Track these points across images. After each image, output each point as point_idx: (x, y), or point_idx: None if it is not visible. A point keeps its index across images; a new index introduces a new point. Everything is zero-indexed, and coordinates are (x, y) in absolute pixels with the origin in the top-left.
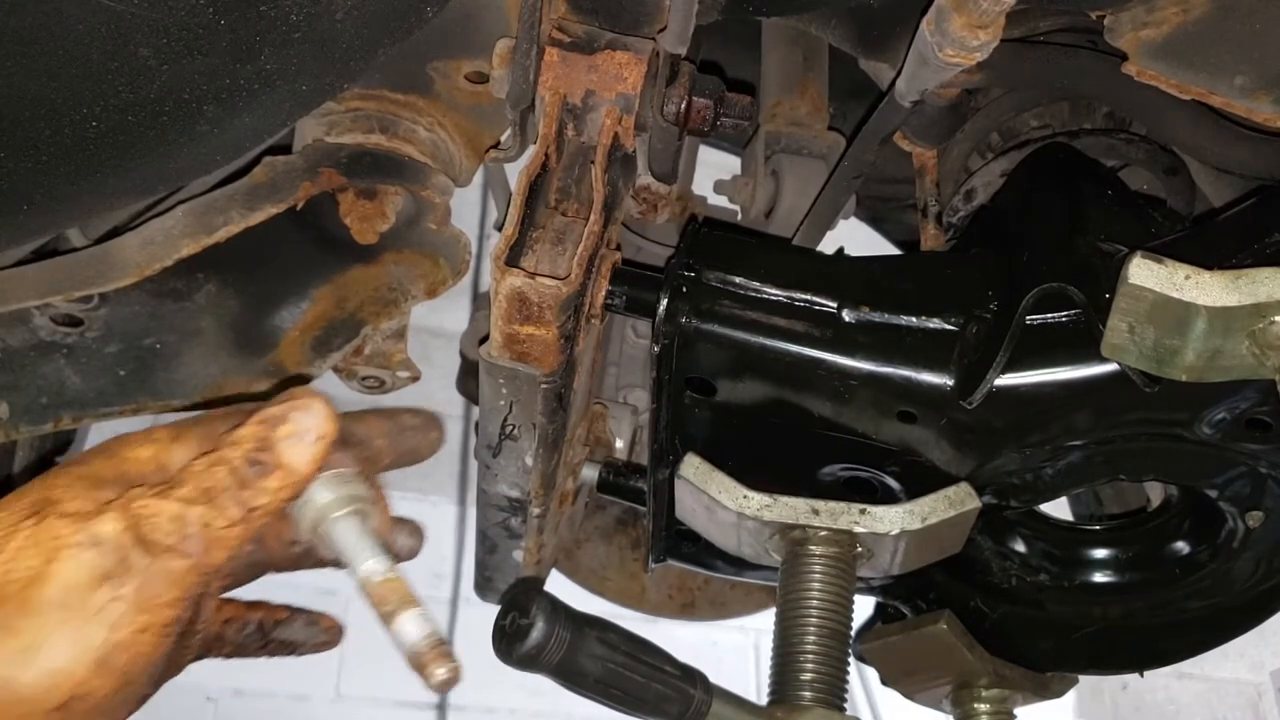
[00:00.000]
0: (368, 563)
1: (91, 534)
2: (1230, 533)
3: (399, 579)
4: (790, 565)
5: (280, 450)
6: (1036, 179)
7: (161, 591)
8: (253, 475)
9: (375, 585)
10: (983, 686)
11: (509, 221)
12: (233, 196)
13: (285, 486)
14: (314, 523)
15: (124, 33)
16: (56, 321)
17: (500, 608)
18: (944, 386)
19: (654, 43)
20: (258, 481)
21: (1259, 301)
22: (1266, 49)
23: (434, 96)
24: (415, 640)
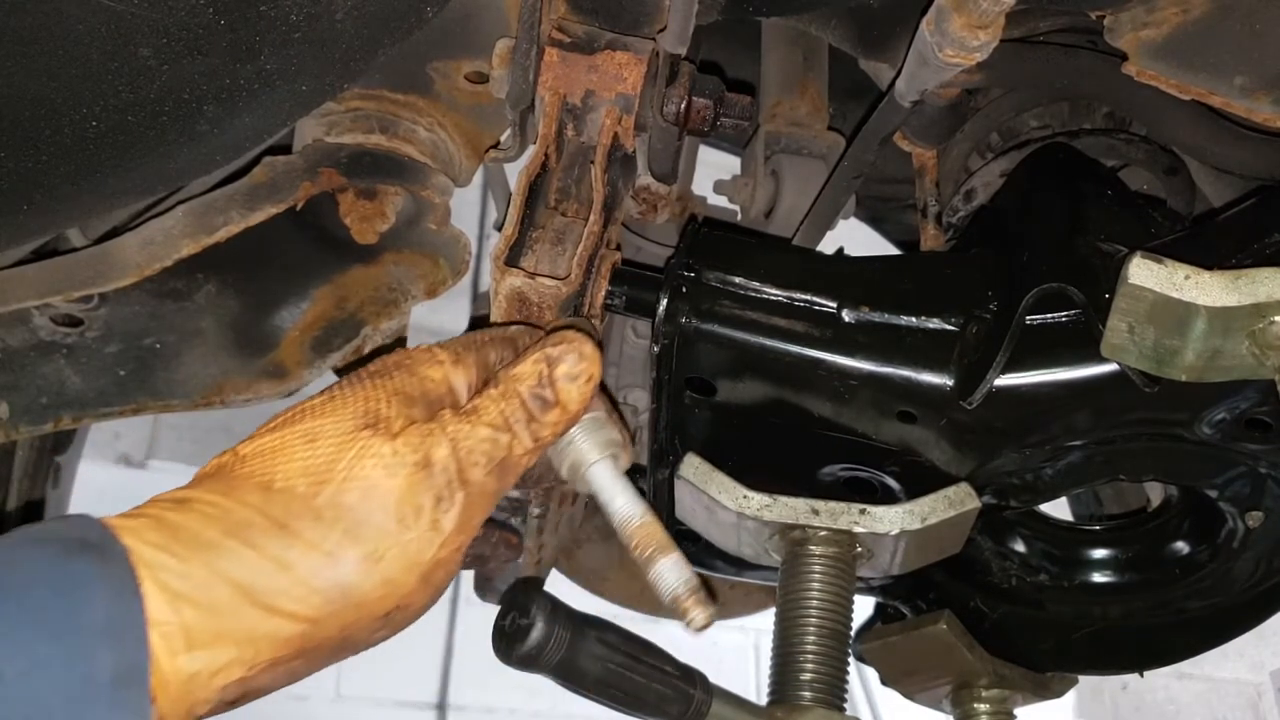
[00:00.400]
0: (624, 507)
1: (426, 456)
2: (1230, 533)
3: (654, 522)
4: (790, 565)
5: (560, 388)
6: (1036, 179)
7: (475, 513)
8: (538, 409)
9: (634, 529)
10: (983, 686)
11: (509, 221)
12: (233, 196)
13: (561, 422)
14: (574, 465)
15: (124, 33)
16: (56, 321)
17: (500, 608)
18: (944, 386)
19: (654, 43)
20: (542, 415)
21: (1259, 301)
22: (1266, 49)
23: (434, 96)
24: (674, 584)
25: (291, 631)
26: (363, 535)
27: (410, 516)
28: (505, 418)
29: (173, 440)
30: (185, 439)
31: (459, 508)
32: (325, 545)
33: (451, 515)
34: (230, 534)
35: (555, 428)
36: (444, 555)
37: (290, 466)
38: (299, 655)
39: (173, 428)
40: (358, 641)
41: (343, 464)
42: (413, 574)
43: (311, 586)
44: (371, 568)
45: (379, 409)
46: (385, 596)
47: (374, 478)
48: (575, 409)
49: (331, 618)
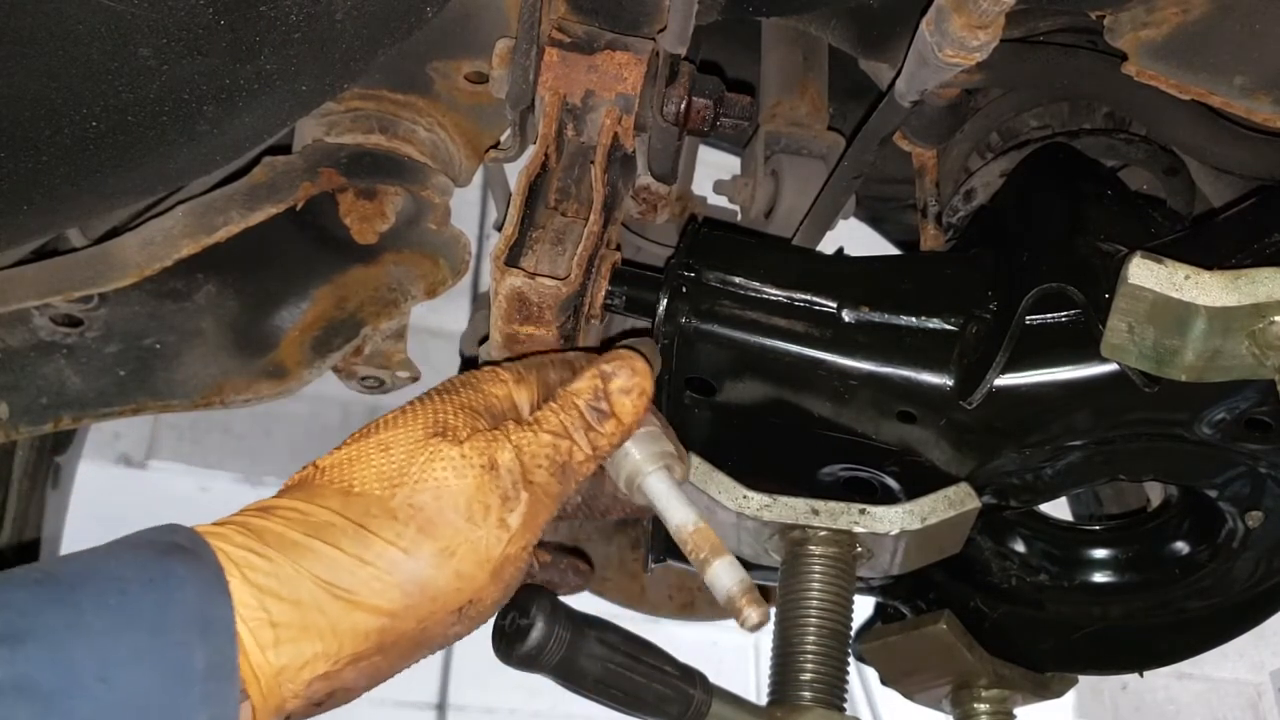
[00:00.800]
0: (679, 514)
1: (491, 459)
2: (1230, 533)
3: (708, 528)
4: (790, 565)
5: (614, 401)
6: (1036, 179)
7: (540, 513)
8: (595, 420)
9: (689, 534)
10: (982, 686)
11: (509, 221)
12: (232, 196)
13: (617, 433)
14: (630, 476)
15: (124, 33)
16: (56, 321)
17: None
18: (944, 386)
19: (654, 43)
20: (599, 426)
21: (1259, 301)
22: (1266, 49)
23: (434, 96)
24: (729, 586)
25: (372, 625)
26: (436, 532)
27: (480, 514)
28: (565, 426)
29: (173, 440)
30: (185, 439)
31: (524, 507)
32: (401, 542)
33: (518, 514)
34: (312, 535)
35: (612, 438)
36: (512, 551)
37: (366, 472)
38: (379, 650)
39: (173, 428)
40: (434, 637)
41: (415, 468)
42: (484, 569)
43: (389, 580)
44: (445, 562)
45: (447, 419)
46: (459, 590)
47: (444, 479)
48: (630, 420)
49: (409, 610)
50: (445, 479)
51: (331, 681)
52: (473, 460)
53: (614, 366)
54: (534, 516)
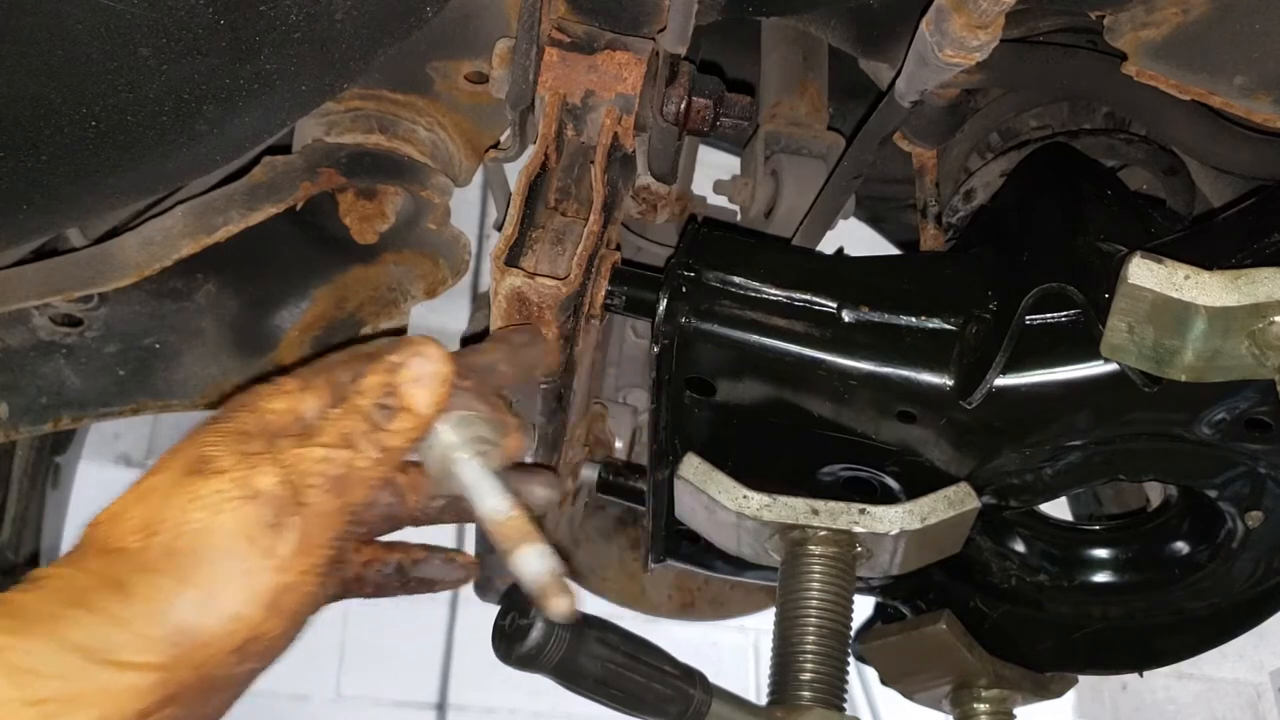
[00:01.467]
0: (489, 501)
1: (251, 487)
2: (1230, 533)
3: (520, 517)
4: (790, 565)
5: (404, 394)
6: (1036, 179)
7: (317, 534)
8: (383, 419)
9: (497, 524)
10: (982, 686)
11: (508, 221)
12: (232, 196)
13: (413, 427)
14: (440, 464)
15: (124, 33)
16: (56, 321)
17: (500, 607)
18: (944, 386)
19: (654, 43)
20: (388, 424)
21: (1258, 301)
22: (1266, 49)
23: (434, 96)
24: (536, 573)
25: (145, 681)
26: (194, 578)
27: (242, 549)
28: (342, 434)
29: (172, 440)
30: None
31: (296, 532)
32: (159, 595)
33: (289, 539)
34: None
35: (408, 434)
36: (287, 580)
37: (124, 527)
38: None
39: (172, 428)
40: (222, 679)
41: (170, 512)
42: (255, 605)
43: (154, 635)
44: (209, 606)
45: (207, 451)
46: (233, 631)
47: (202, 519)
48: (426, 412)
49: (180, 661)
50: (200, 519)
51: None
52: (229, 493)
53: (402, 355)
54: (310, 539)
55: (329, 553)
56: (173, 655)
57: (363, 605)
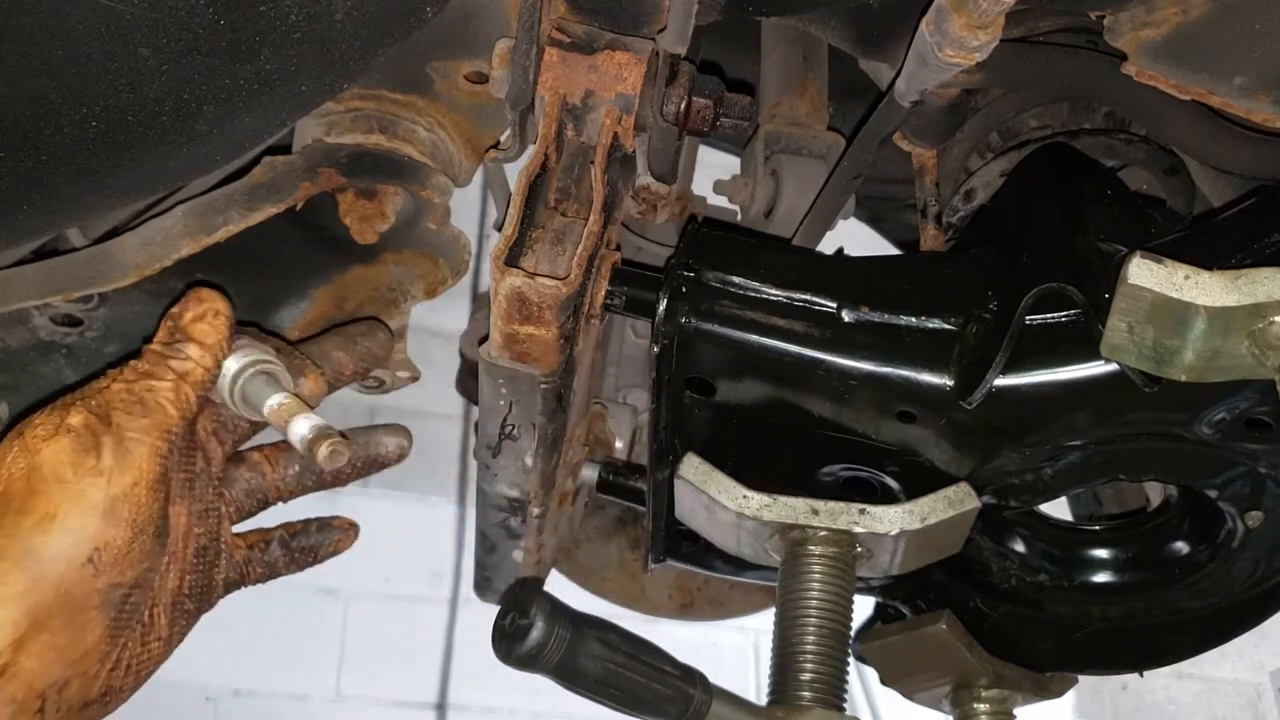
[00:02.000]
0: (270, 399)
1: (63, 426)
2: (1230, 533)
3: (295, 401)
4: (790, 565)
5: (189, 330)
6: (1036, 179)
7: (135, 449)
8: (173, 350)
9: (275, 412)
10: (982, 686)
11: (508, 221)
12: (232, 196)
13: (202, 352)
14: (231, 392)
15: (124, 33)
16: (56, 321)
17: (500, 608)
18: (943, 386)
19: (654, 43)
20: (180, 353)
21: (1258, 301)
22: (1266, 49)
23: (434, 96)
24: (304, 431)
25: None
26: (31, 507)
27: (66, 472)
28: (139, 370)
29: None
30: None
31: (111, 448)
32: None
33: (107, 455)
34: None
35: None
36: (117, 490)
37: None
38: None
39: None
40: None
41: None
42: (90, 515)
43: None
44: (48, 526)
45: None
46: (75, 543)
47: (25, 461)
48: (211, 340)
49: (37, 582)
50: (24, 461)
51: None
52: (43, 435)
53: (180, 305)
54: (127, 454)
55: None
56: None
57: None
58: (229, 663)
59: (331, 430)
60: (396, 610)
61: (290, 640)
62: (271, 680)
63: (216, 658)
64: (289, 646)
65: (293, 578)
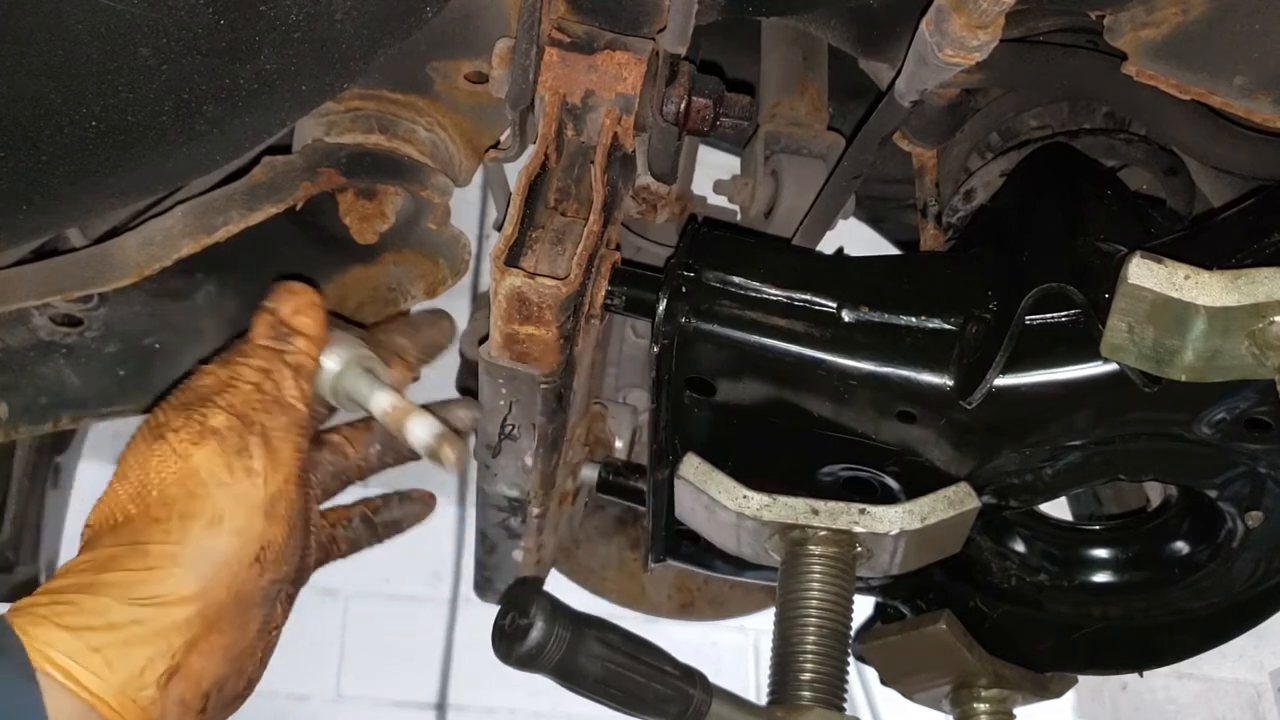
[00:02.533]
0: (377, 398)
1: (207, 428)
2: (1230, 533)
3: (405, 403)
4: (789, 565)
5: (292, 323)
6: (1036, 179)
7: (280, 447)
8: (283, 346)
9: (390, 415)
10: (982, 686)
11: (508, 221)
12: (232, 196)
13: (309, 345)
14: (333, 389)
15: (124, 33)
16: (56, 321)
17: (500, 608)
18: (944, 386)
19: (654, 43)
20: (289, 349)
21: (1258, 301)
22: (1266, 49)
23: (434, 96)
24: (425, 436)
25: (186, 612)
26: (196, 510)
27: (224, 475)
28: (257, 369)
29: None
30: None
31: (260, 449)
32: (172, 536)
33: (259, 456)
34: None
35: (308, 351)
36: (274, 489)
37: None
38: (210, 628)
39: None
40: (252, 593)
41: (150, 474)
42: (256, 516)
43: (179, 570)
44: (217, 529)
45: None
46: (245, 544)
47: (178, 466)
48: (314, 331)
49: (212, 584)
50: (177, 466)
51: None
52: (190, 439)
53: (272, 300)
54: (276, 453)
55: (296, 465)
56: (203, 581)
57: (363, 605)
58: None
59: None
60: (396, 610)
61: (290, 640)
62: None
63: None
64: (289, 646)
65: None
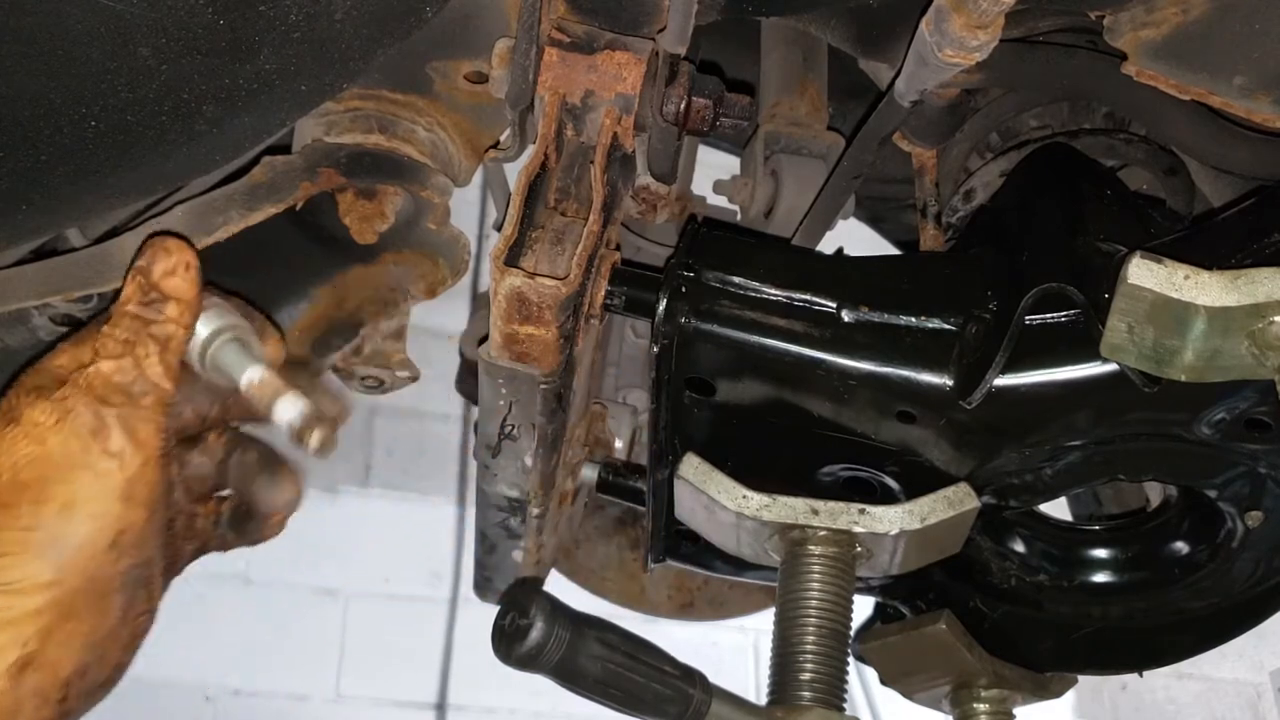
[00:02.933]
0: (246, 372)
1: (63, 409)
2: (1229, 533)
3: (272, 377)
4: (789, 565)
5: (163, 287)
6: (1036, 179)
7: (141, 426)
8: (152, 313)
9: (254, 388)
10: (982, 686)
11: (508, 221)
12: (232, 196)
13: (182, 312)
14: (202, 357)
15: (124, 32)
16: (55, 321)
17: (499, 608)
18: (943, 387)
19: (653, 43)
20: (159, 316)
21: (1258, 301)
22: (1266, 49)
23: (433, 96)
24: (292, 418)
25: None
26: (49, 495)
27: (79, 457)
28: (121, 342)
29: None
30: None
31: (119, 429)
32: (22, 521)
33: (117, 437)
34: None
35: (179, 320)
36: (132, 472)
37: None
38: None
39: None
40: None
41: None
42: (111, 500)
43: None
44: (70, 514)
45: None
46: (100, 529)
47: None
48: (188, 295)
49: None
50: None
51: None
52: (46, 422)
53: (146, 258)
54: (136, 433)
55: (159, 442)
56: (56, 567)
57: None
58: (229, 663)
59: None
60: (396, 610)
61: (290, 640)
62: (271, 680)
63: (216, 658)
64: (289, 646)
65: (293, 577)
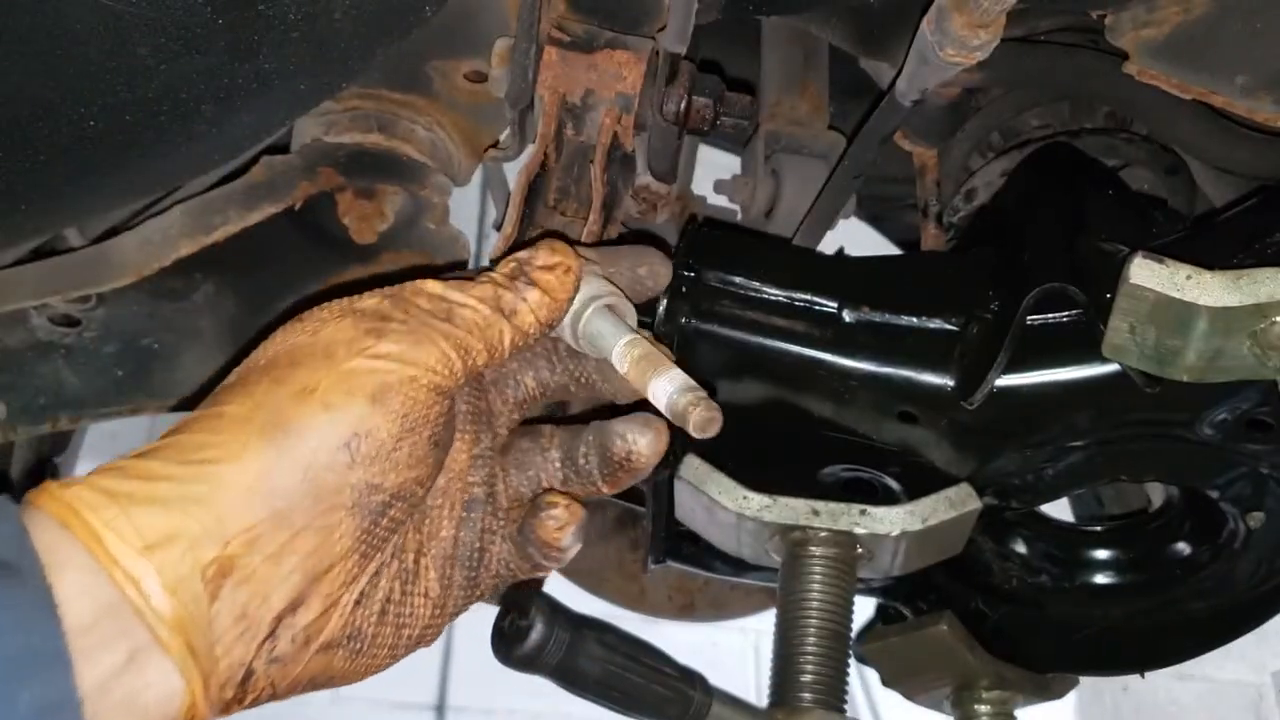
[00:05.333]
0: (619, 344)
1: (351, 308)
2: (1231, 533)
3: (651, 349)
4: (790, 566)
5: (536, 276)
6: (1037, 179)
7: (423, 345)
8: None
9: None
10: (983, 688)
11: (508, 221)
12: (230, 196)
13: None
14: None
15: (123, 32)
16: (54, 321)
17: (499, 609)
18: (945, 387)
19: (653, 42)
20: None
21: (1260, 302)
22: (1267, 49)
23: (433, 96)
24: (670, 394)
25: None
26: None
27: (340, 350)
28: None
29: None
30: None
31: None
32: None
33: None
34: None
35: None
36: (390, 381)
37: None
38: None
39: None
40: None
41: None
42: (355, 397)
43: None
44: (304, 398)
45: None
46: (332, 422)
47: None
48: (560, 295)
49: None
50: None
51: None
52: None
53: (531, 251)
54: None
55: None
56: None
57: None
58: None
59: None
60: None
61: None
62: None
63: None
64: None
65: None
